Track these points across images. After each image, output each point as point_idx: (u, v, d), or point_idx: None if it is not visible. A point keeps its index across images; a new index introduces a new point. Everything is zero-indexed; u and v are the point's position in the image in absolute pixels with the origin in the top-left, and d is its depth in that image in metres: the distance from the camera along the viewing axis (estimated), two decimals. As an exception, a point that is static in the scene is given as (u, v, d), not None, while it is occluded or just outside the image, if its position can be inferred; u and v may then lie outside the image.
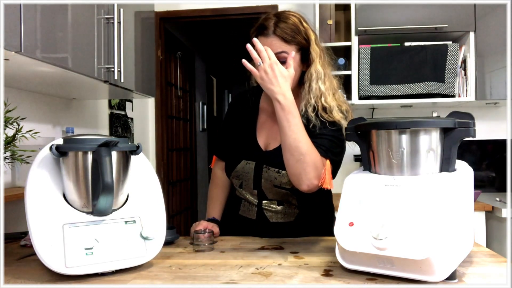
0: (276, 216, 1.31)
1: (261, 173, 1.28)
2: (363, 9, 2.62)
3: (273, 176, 1.26)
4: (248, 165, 1.30)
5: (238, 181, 1.34)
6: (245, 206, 1.36)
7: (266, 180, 1.27)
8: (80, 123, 2.22)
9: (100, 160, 0.89)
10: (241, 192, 1.35)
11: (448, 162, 0.87)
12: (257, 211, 1.32)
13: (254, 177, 1.29)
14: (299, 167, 1.11)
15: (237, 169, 1.31)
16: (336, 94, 1.27)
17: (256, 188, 1.30)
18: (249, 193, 1.33)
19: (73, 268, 0.87)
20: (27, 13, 1.13)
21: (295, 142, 1.10)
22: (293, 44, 1.20)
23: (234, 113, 1.44)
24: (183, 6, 3.17)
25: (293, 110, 1.11)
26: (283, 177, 1.24)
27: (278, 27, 1.19)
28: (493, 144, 2.87)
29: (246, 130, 1.36)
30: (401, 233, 0.80)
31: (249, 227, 1.33)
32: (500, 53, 2.52)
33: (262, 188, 1.29)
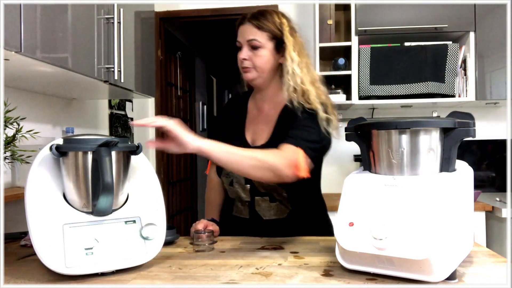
0: (269, 213, 1.32)
1: None
2: (363, 9, 2.62)
3: None
4: None
5: (228, 179, 1.35)
6: (238, 206, 1.37)
7: None
8: (80, 123, 2.22)
9: (100, 160, 0.89)
10: (233, 191, 1.35)
11: (448, 162, 0.87)
12: (250, 210, 1.33)
13: None
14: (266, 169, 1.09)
15: None
16: (316, 83, 1.30)
17: (248, 183, 1.31)
18: (241, 190, 1.33)
19: (73, 268, 0.87)
20: (27, 13, 1.13)
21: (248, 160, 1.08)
22: (264, 31, 1.27)
23: (226, 115, 1.48)
24: (183, 6, 3.17)
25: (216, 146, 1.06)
26: None
27: (252, 16, 1.29)
28: (493, 144, 2.87)
29: (236, 129, 1.39)
30: (401, 233, 0.80)
31: (243, 226, 1.34)
32: (500, 53, 2.52)
33: (254, 182, 1.30)
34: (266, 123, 1.33)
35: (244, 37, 1.29)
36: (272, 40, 1.28)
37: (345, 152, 3.02)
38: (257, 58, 1.28)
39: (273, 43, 1.28)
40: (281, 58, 1.29)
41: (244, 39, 1.29)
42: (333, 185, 3.12)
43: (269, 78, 1.31)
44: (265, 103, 1.36)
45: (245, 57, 1.28)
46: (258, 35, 1.27)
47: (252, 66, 1.29)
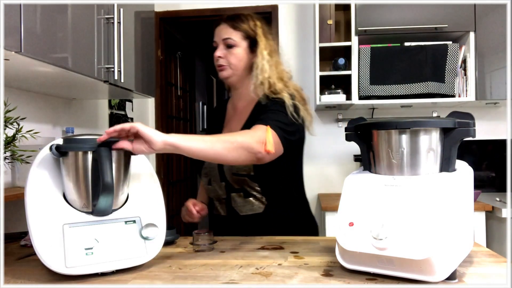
0: (245, 208, 1.34)
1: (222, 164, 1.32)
2: (363, 9, 2.62)
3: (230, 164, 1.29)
4: None
5: (206, 179, 1.40)
6: (216, 204, 1.40)
7: (226, 169, 1.32)
8: (80, 123, 2.22)
9: (100, 160, 0.89)
10: (211, 189, 1.39)
11: (448, 162, 0.87)
12: (226, 206, 1.36)
13: (219, 169, 1.34)
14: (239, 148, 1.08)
15: (205, 165, 1.39)
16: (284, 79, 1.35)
17: (223, 180, 1.35)
18: (218, 187, 1.36)
19: (73, 268, 0.87)
20: (27, 13, 1.13)
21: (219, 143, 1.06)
22: (239, 30, 1.34)
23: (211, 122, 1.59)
24: (183, 6, 3.17)
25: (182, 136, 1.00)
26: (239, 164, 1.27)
27: (228, 17, 1.37)
28: (493, 144, 2.87)
29: (216, 130, 1.45)
30: (401, 233, 0.80)
31: (221, 224, 1.38)
32: (500, 53, 2.52)
33: (228, 179, 1.33)
34: (239, 120, 1.38)
35: (219, 36, 1.35)
36: (246, 40, 1.35)
37: (345, 152, 3.02)
38: (232, 56, 1.34)
39: (247, 43, 1.35)
40: (254, 57, 1.35)
41: (219, 38, 1.35)
42: (333, 185, 3.13)
43: (243, 76, 1.37)
44: (240, 101, 1.42)
45: (220, 55, 1.35)
46: (233, 34, 1.34)
47: (227, 64, 1.35)
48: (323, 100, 2.71)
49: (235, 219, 1.35)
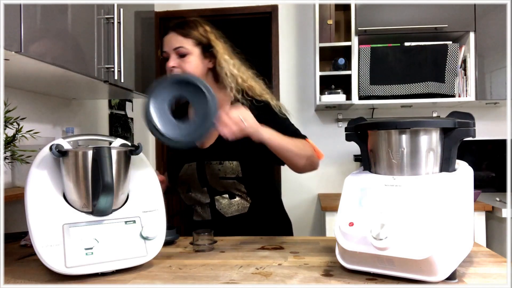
0: (231, 210, 1.33)
1: (204, 170, 1.33)
2: (363, 9, 2.62)
3: (217, 168, 1.31)
4: (190, 167, 1.35)
5: (184, 187, 1.38)
6: (197, 211, 1.38)
7: (211, 175, 1.32)
8: (80, 123, 2.22)
9: (100, 160, 0.89)
10: (190, 197, 1.37)
11: (448, 162, 0.87)
12: (211, 210, 1.35)
13: (199, 176, 1.33)
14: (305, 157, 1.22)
15: (181, 173, 1.37)
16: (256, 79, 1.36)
17: (204, 186, 1.34)
18: (200, 193, 1.35)
19: (73, 268, 0.87)
20: (27, 13, 1.13)
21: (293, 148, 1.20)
22: (190, 38, 1.30)
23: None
24: (183, 6, 3.18)
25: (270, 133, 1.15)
26: (226, 167, 1.30)
27: (176, 25, 1.32)
28: (493, 144, 2.87)
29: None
30: (401, 233, 0.80)
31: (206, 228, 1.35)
32: (500, 53, 2.52)
33: (210, 184, 1.33)
34: None
35: (170, 46, 1.30)
36: (198, 46, 1.30)
37: (345, 152, 3.02)
38: (186, 64, 1.29)
39: (200, 49, 1.31)
40: (209, 63, 1.32)
41: (170, 48, 1.30)
42: (333, 185, 3.13)
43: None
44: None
45: (174, 65, 1.29)
46: (184, 42, 1.29)
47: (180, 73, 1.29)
48: (323, 100, 2.71)
49: (220, 222, 1.34)
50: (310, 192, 3.06)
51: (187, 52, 1.29)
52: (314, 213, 3.11)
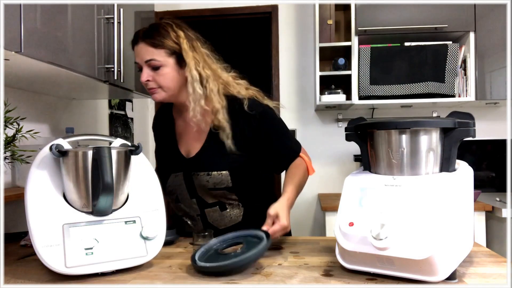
0: (223, 222, 1.28)
1: (192, 180, 1.26)
2: (363, 9, 2.62)
3: (205, 180, 1.23)
4: (177, 177, 1.29)
5: (173, 196, 1.32)
6: (188, 223, 1.33)
7: (199, 186, 1.25)
8: (80, 123, 2.22)
9: (100, 160, 0.89)
10: (180, 208, 1.32)
11: (448, 162, 0.87)
12: (203, 223, 1.29)
13: (187, 186, 1.27)
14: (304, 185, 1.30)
15: (168, 183, 1.30)
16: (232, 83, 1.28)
17: (193, 197, 1.28)
18: (189, 205, 1.29)
19: (73, 268, 0.87)
20: (27, 13, 1.13)
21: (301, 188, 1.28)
22: (161, 48, 1.18)
23: (156, 131, 1.45)
24: (183, 6, 3.18)
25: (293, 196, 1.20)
26: (214, 178, 1.23)
27: (145, 34, 1.19)
28: (493, 144, 2.87)
29: (168, 143, 1.35)
30: (401, 233, 0.80)
31: None
32: (500, 53, 2.52)
33: (199, 194, 1.27)
34: (198, 133, 1.28)
35: (141, 58, 1.20)
36: (172, 56, 1.20)
37: (345, 152, 3.02)
38: (160, 77, 1.20)
39: (174, 58, 1.20)
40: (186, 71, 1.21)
41: (142, 60, 1.20)
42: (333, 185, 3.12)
43: (180, 92, 1.25)
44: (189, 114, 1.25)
45: (148, 78, 1.20)
46: (155, 54, 1.18)
47: (157, 86, 1.21)
48: (323, 100, 2.71)
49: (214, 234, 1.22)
50: (310, 192, 3.06)
51: (160, 64, 1.18)
52: (314, 213, 3.11)
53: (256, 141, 1.25)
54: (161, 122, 1.44)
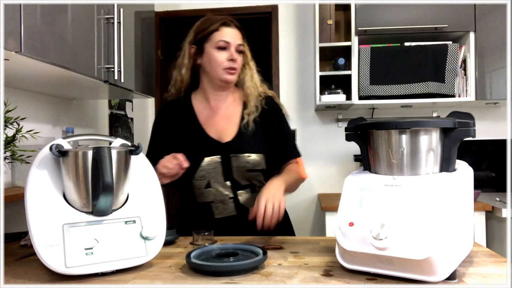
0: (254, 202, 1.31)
1: (229, 163, 1.35)
2: (363, 9, 2.62)
3: (245, 161, 1.34)
4: (213, 160, 1.35)
5: (204, 182, 1.36)
6: (218, 207, 1.36)
7: (237, 167, 1.34)
8: (80, 123, 2.22)
9: (100, 160, 0.89)
10: (211, 192, 1.36)
11: (448, 162, 0.87)
12: (235, 205, 1.35)
13: (223, 169, 1.34)
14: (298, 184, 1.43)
15: (202, 168, 1.35)
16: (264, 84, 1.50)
17: (227, 179, 1.35)
18: (222, 188, 1.35)
19: (73, 268, 0.87)
20: (27, 13, 1.13)
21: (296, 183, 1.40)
22: (244, 40, 1.41)
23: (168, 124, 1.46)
24: (183, 6, 3.18)
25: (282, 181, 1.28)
26: (254, 160, 1.35)
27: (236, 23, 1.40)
28: (493, 144, 2.87)
29: (193, 133, 1.41)
30: (401, 233, 0.80)
31: (231, 225, 1.34)
32: (500, 53, 2.52)
33: (234, 177, 1.35)
34: (228, 120, 1.41)
35: (234, 40, 1.37)
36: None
37: (345, 152, 3.02)
38: (239, 62, 1.39)
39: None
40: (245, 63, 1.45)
41: (235, 42, 1.37)
42: (333, 185, 3.12)
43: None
44: (220, 102, 1.44)
45: (237, 57, 1.37)
46: (243, 41, 1.40)
47: (237, 67, 1.39)
48: (323, 100, 2.71)
49: (246, 215, 1.30)
50: (310, 192, 3.06)
51: (243, 51, 1.41)
52: (314, 213, 3.11)
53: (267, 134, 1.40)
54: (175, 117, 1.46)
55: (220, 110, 1.43)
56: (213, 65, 1.37)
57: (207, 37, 1.37)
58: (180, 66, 1.45)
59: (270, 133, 1.42)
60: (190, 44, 1.43)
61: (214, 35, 1.36)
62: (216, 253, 1.01)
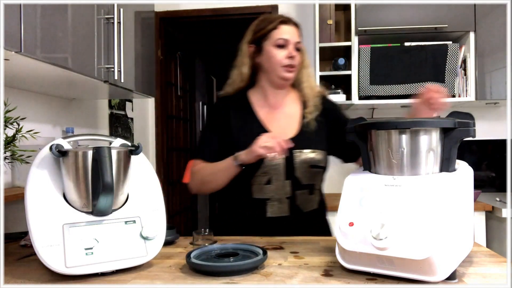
0: (308, 205, 1.37)
1: (292, 158, 1.32)
2: (363, 9, 2.62)
3: (309, 156, 1.34)
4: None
5: (265, 178, 1.32)
6: (274, 205, 1.33)
7: (301, 163, 1.32)
8: (80, 123, 2.22)
9: (100, 160, 0.89)
10: (270, 189, 1.32)
11: (448, 162, 0.87)
12: (290, 206, 1.33)
13: (286, 165, 1.32)
14: None
15: (265, 164, 1.30)
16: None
17: (289, 178, 1.32)
18: (281, 186, 1.32)
19: (73, 268, 0.87)
20: (27, 13, 1.13)
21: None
22: (301, 37, 1.42)
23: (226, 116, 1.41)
24: (183, 6, 3.17)
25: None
26: (318, 156, 1.35)
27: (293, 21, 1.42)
28: (493, 144, 2.87)
29: (254, 128, 1.35)
30: (401, 233, 0.80)
31: (283, 225, 1.32)
32: (500, 53, 2.52)
33: (296, 174, 1.32)
34: (290, 117, 1.41)
35: (293, 38, 1.37)
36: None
37: (345, 152, 3.02)
38: (298, 59, 1.38)
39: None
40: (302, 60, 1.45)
41: (293, 39, 1.37)
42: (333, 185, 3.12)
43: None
44: (280, 99, 1.43)
45: (296, 54, 1.36)
46: (301, 39, 1.41)
47: (296, 65, 1.37)
48: (323, 100, 2.71)
49: (298, 217, 1.32)
50: (310, 192, 3.06)
51: (301, 48, 1.41)
52: (314, 213, 3.10)
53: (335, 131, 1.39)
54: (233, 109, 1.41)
55: (280, 107, 1.42)
56: (272, 63, 1.35)
57: (266, 36, 1.36)
58: (240, 66, 1.43)
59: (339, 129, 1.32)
60: (249, 44, 1.40)
61: (273, 33, 1.35)
62: (216, 253, 1.01)
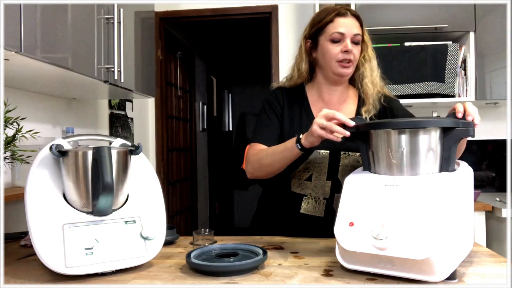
0: None
1: (338, 160, 1.28)
2: (363, 9, 2.62)
3: (356, 160, 1.28)
4: (320, 154, 1.29)
5: (306, 174, 1.30)
6: (309, 203, 1.31)
7: (345, 166, 1.28)
8: (80, 123, 2.22)
9: (100, 160, 0.89)
10: (309, 186, 1.30)
11: (448, 162, 0.87)
12: (326, 207, 1.29)
13: (330, 165, 1.28)
14: None
15: (309, 160, 1.28)
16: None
17: (330, 179, 1.28)
18: (321, 186, 1.29)
19: (73, 268, 0.87)
20: (27, 13, 1.13)
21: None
22: (362, 29, 1.32)
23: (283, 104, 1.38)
24: (183, 6, 3.17)
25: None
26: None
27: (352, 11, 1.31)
28: (493, 144, 2.87)
29: (306, 122, 1.32)
30: (401, 233, 0.80)
31: (314, 226, 1.29)
32: (500, 53, 2.52)
33: (339, 176, 1.28)
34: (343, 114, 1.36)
35: (350, 31, 1.27)
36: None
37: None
38: (356, 52, 1.30)
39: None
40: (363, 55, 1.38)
41: (350, 32, 1.27)
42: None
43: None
44: (334, 97, 1.37)
45: (352, 48, 1.28)
46: (360, 31, 1.30)
47: (353, 59, 1.29)
48: (323, 100, 2.71)
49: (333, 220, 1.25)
50: (310, 192, 3.06)
51: (359, 42, 1.31)
52: (314, 213, 3.10)
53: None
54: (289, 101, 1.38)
55: (334, 105, 1.35)
56: (327, 59, 1.29)
57: (322, 30, 1.30)
58: (298, 61, 1.39)
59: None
60: (306, 39, 1.35)
61: (328, 27, 1.28)
62: (216, 253, 1.01)
